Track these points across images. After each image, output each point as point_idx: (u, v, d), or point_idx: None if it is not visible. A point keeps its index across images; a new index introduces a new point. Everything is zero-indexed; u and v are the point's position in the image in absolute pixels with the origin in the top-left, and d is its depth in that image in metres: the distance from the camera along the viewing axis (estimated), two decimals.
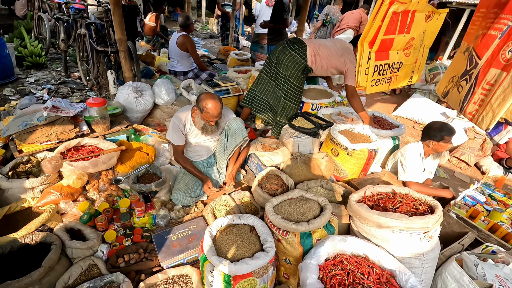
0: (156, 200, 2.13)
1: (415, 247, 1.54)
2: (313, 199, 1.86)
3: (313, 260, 1.48)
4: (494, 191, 2.33)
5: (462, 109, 1.33)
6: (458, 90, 1.26)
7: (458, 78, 1.25)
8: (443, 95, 1.37)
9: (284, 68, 2.68)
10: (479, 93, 1.22)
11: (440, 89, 1.43)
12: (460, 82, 1.24)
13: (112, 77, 2.89)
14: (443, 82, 1.41)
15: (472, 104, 1.26)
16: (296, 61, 2.66)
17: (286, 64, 2.65)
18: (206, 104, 2.08)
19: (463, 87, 1.25)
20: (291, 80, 2.72)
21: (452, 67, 1.35)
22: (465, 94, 1.28)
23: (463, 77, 1.23)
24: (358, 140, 2.42)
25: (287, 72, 2.68)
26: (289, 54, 2.66)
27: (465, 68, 1.22)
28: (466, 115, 1.33)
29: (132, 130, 2.55)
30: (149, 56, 4.98)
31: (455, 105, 1.32)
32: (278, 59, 2.71)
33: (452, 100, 1.32)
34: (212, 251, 1.52)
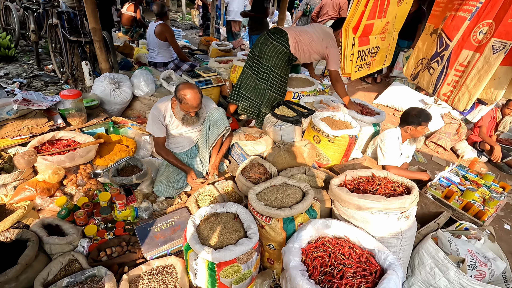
0: (138, 193, 2.09)
1: (393, 226, 1.60)
2: (296, 185, 1.89)
3: (295, 244, 1.50)
4: (468, 172, 2.44)
5: (435, 90, 1.36)
6: (430, 72, 1.29)
7: (428, 60, 1.27)
8: (412, 77, 1.39)
9: (267, 59, 2.66)
10: (452, 75, 1.26)
11: (408, 72, 1.45)
12: (431, 64, 1.27)
13: (88, 69, 2.78)
14: (411, 64, 1.43)
15: (446, 86, 1.29)
16: (279, 51, 2.64)
17: (269, 55, 2.64)
18: (184, 95, 2.04)
19: (435, 69, 1.28)
20: (276, 71, 2.71)
21: (419, 49, 1.37)
22: (437, 76, 1.31)
23: (433, 59, 1.26)
24: (339, 126, 2.46)
25: (271, 63, 2.66)
26: (271, 44, 2.65)
27: (436, 50, 1.24)
28: (441, 96, 1.37)
29: (111, 123, 2.48)
30: (127, 47, 4.82)
31: (427, 86, 1.35)
32: (260, 51, 2.69)
33: (422, 82, 1.35)
34: (195, 240, 1.52)
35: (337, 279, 1.36)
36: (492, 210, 2.05)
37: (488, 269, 1.67)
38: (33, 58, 4.66)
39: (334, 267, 1.42)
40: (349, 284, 1.33)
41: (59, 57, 3.82)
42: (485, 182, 2.32)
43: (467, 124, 4.22)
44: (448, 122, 4.08)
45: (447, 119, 4.12)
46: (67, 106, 2.25)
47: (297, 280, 1.32)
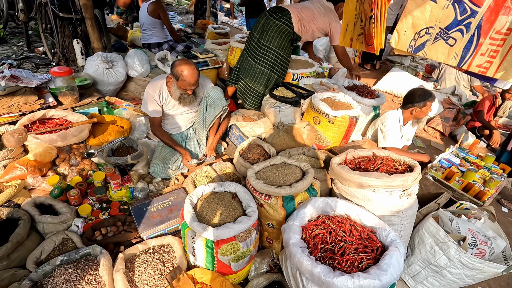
0: (133, 173, 2.04)
1: (395, 204, 1.57)
2: (295, 164, 1.84)
3: (295, 222, 1.47)
4: (468, 154, 2.42)
5: (463, 62, 1.24)
6: (448, 43, 1.20)
7: (442, 30, 1.19)
8: (412, 49, 1.29)
9: (269, 40, 2.57)
10: (487, 44, 1.13)
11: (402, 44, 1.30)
12: (451, 34, 1.18)
13: (79, 47, 2.67)
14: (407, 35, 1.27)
15: (480, 57, 1.17)
16: (282, 30, 2.56)
17: (272, 36, 2.55)
18: (181, 71, 1.96)
19: (458, 39, 1.19)
20: (279, 51, 2.63)
21: (416, 17, 1.21)
22: (463, 46, 1.20)
23: (453, 28, 1.16)
24: (339, 107, 2.40)
25: (273, 44, 2.58)
26: (274, 24, 2.56)
27: (454, 18, 1.16)
28: (473, 68, 1.23)
29: (104, 103, 2.40)
30: (121, 30, 4.67)
31: (446, 59, 1.24)
32: (261, 31, 2.60)
33: (435, 54, 1.25)
34: (193, 218, 1.48)
35: (338, 255, 1.33)
36: (493, 191, 2.04)
37: (488, 247, 1.66)
38: (23, 40, 4.49)
39: (335, 244, 1.39)
40: (351, 260, 1.31)
41: (50, 38, 3.68)
42: (485, 163, 2.30)
43: (466, 109, 4.19)
44: (447, 108, 4.05)
45: (446, 104, 4.09)
46: (58, 84, 2.16)
47: (298, 257, 1.30)
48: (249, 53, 2.73)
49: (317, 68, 3.24)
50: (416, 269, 1.75)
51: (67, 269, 1.36)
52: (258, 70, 2.70)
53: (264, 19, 2.58)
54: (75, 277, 1.33)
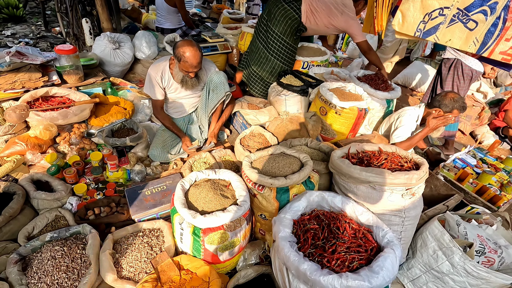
0: (131, 155, 2.02)
1: (396, 204, 1.46)
2: (294, 155, 1.76)
3: (287, 215, 1.40)
4: (486, 155, 2.24)
5: (484, 49, 1.08)
6: (467, 26, 1.05)
7: (461, 11, 1.04)
8: (421, 34, 1.13)
9: (275, 23, 2.46)
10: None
11: (408, 27, 1.13)
12: (471, 16, 1.03)
13: (88, 27, 2.66)
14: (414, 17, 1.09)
15: (505, 42, 1.02)
16: (289, 16, 2.43)
17: (278, 19, 2.43)
18: (183, 52, 1.90)
19: (479, 22, 1.03)
20: (284, 37, 2.51)
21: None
22: (486, 31, 1.04)
23: (474, 9, 1.00)
24: (348, 98, 2.28)
25: (278, 28, 2.46)
26: (282, 7, 2.43)
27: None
28: (495, 55, 1.07)
29: (109, 83, 2.39)
30: (135, 12, 4.65)
31: (463, 45, 1.09)
32: (269, 13, 2.48)
33: (449, 39, 1.10)
34: (182, 204, 1.44)
35: (328, 253, 1.26)
36: (510, 196, 1.88)
37: (498, 256, 1.53)
38: (41, 20, 4.57)
39: (327, 241, 1.31)
40: (341, 259, 1.23)
41: (65, 18, 3.71)
42: (505, 166, 2.12)
43: (491, 108, 3.91)
44: (471, 105, 3.78)
45: (470, 101, 3.82)
46: (63, 62, 2.15)
47: (285, 251, 1.24)
48: (258, 36, 2.62)
49: (330, 57, 3.08)
50: (416, 273, 1.65)
51: (54, 246, 1.37)
52: (264, 55, 2.60)
53: (274, 1, 2.46)
54: (60, 254, 1.33)
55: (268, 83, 2.70)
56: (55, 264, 1.30)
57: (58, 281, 1.26)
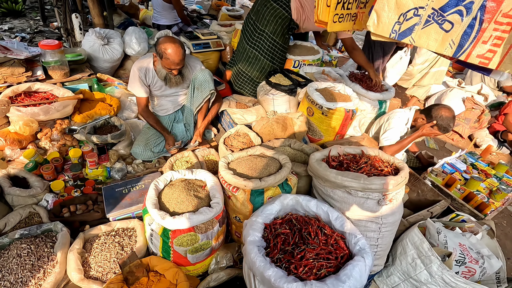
0: (113, 153, 2.00)
1: (372, 209, 1.42)
2: (274, 156, 1.72)
3: (259, 218, 1.37)
4: (478, 160, 2.17)
5: (460, 52, 1.01)
6: (443, 27, 0.98)
7: (436, 11, 0.97)
8: (396, 35, 1.06)
9: (265, 24, 2.40)
10: (491, 30, 0.91)
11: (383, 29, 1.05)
12: (446, 17, 0.97)
13: (78, 22, 2.64)
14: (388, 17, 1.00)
15: (482, 45, 0.95)
16: (279, 15, 2.37)
17: (267, 19, 2.38)
18: (165, 49, 1.87)
19: (455, 23, 0.97)
20: (274, 37, 2.46)
21: None
22: (462, 32, 0.98)
23: (449, 10, 0.93)
24: (336, 99, 2.22)
25: (269, 28, 2.40)
26: (271, 6, 2.38)
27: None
28: (473, 59, 1.01)
29: (95, 80, 2.37)
30: (132, 7, 4.62)
31: (439, 47, 1.02)
32: (258, 13, 2.43)
33: (425, 42, 1.03)
34: (153, 204, 1.42)
35: (296, 259, 1.22)
36: (498, 204, 1.81)
37: (479, 266, 1.47)
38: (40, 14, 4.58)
39: (296, 247, 1.28)
40: (309, 266, 1.19)
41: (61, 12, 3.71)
42: (496, 172, 2.05)
43: (492, 111, 3.81)
44: (470, 108, 3.69)
45: (469, 104, 3.73)
46: (48, 58, 2.14)
47: (252, 256, 1.20)
48: (244, 35, 2.57)
49: (324, 56, 3.02)
50: (395, 281, 1.61)
51: (22, 243, 1.36)
52: (252, 55, 2.54)
53: (262, 0, 2.40)
54: (26, 252, 1.32)
55: (258, 83, 2.65)
56: (20, 262, 1.28)
57: (22, 280, 1.25)
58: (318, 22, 1.22)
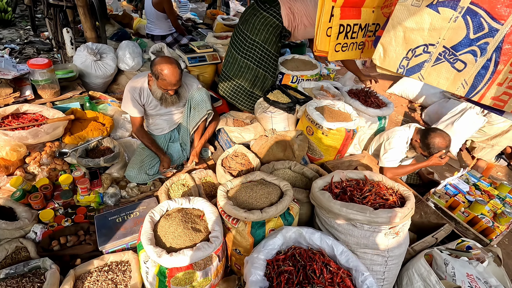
0: (106, 177, 1.92)
1: (379, 243, 1.36)
2: (275, 183, 1.66)
3: (260, 254, 1.30)
4: (480, 179, 2.14)
5: (474, 92, 0.96)
6: (455, 67, 0.94)
7: (448, 50, 0.93)
8: (404, 71, 1.01)
9: (255, 33, 2.35)
10: (506, 72, 0.87)
11: (390, 63, 1.00)
12: (459, 56, 0.92)
13: (69, 37, 2.56)
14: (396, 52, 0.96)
15: (497, 87, 0.91)
16: (270, 23, 2.32)
17: (258, 28, 2.32)
18: (161, 70, 1.81)
19: (469, 62, 0.92)
20: (266, 46, 2.41)
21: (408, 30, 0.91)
22: (476, 73, 0.93)
23: (463, 49, 0.89)
24: (337, 118, 2.18)
25: (260, 37, 2.35)
26: (261, 15, 2.33)
27: (466, 35, 0.89)
28: (486, 100, 0.96)
29: (87, 98, 2.28)
30: (126, 17, 4.54)
31: (452, 87, 0.98)
32: (247, 23, 2.37)
33: (436, 80, 0.99)
34: (148, 239, 1.34)
35: None
36: (503, 228, 1.77)
37: None
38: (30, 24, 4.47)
39: (301, 286, 1.21)
40: None
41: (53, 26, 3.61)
42: (499, 193, 2.02)
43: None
44: None
45: None
46: (37, 77, 2.06)
47: None
48: (234, 46, 2.51)
49: (322, 70, 2.98)
50: None
51: (6, 286, 1.26)
52: (244, 65, 2.48)
53: (251, 10, 2.36)
54: None
55: (252, 94, 2.60)
56: None
57: None
58: (317, 51, 1.17)
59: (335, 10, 1.09)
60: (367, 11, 1.17)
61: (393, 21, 0.91)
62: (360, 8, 1.14)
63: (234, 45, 2.53)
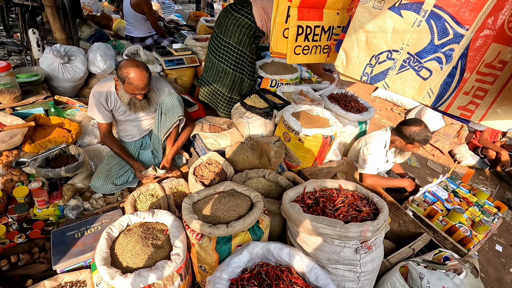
0: (67, 188, 1.80)
1: (350, 258, 1.29)
2: (245, 193, 1.57)
3: (224, 273, 1.21)
4: (459, 186, 2.10)
5: (440, 102, 0.90)
6: (420, 75, 0.87)
7: (412, 56, 0.86)
8: (368, 79, 0.94)
9: (229, 35, 2.29)
10: (473, 80, 0.80)
11: (354, 70, 0.93)
12: (424, 63, 0.85)
13: (35, 38, 2.42)
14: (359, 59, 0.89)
15: (463, 96, 0.83)
16: (242, 24, 2.26)
17: (231, 30, 2.26)
18: (127, 73, 1.70)
19: (434, 70, 0.85)
20: (240, 48, 2.35)
21: (371, 35, 0.83)
22: (442, 81, 0.86)
23: (428, 56, 0.81)
24: (314, 124, 2.11)
25: (233, 39, 2.29)
26: (233, 17, 2.27)
27: (430, 41, 0.82)
28: (453, 110, 0.88)
29: (51, 103, 2.15)
30: (104, 18, 4.40)
31: (417, 96, 0.90)
32: (221, 26, 2.33)
33: (401, 88, 0.91)
34: (102, 259, 1.23)
35: None
36: (481, 236, 1.73)
37: None
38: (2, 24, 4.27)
39: None
40: None
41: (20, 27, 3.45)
42: (477, 200, 1.98)
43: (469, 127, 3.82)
44: (449, 123, 3.69)
45: (448, 119, 3.72)
46: None
47: None
48: (210, 50, 2.47)
49: (303, 74, 2.92)
50: None
51: None
52: (221, 69, 2.43)
53: (224, 12, 2.31)
54: None
55: (231, 99, 2.53)
56: None
57: None
58: (274, 53, 1.09)
59: (291, 10, 1.02)
60: (330, 13, 1.10)
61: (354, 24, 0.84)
62: (321, 9, 1.06)
63: (211, 49, 2.47)
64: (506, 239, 2.52)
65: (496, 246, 2.41)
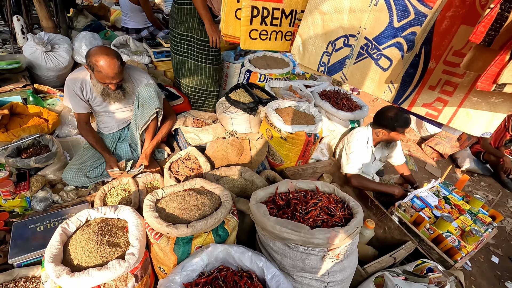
0: (36, 179, 1.74)
1: (316, 266, 1.19)
2: (215, 192, 1.48)
3: (177, 277, 1.12)
4: (452, 192, 1.96)
5: (401, 98, 0.77)
6: (380, 65, 0.75)
7: (370, 42, 0.73)
8: (325, 70, 0.82)
9: (179, 26, 2.22)
10: (439, 72, 0.68)
11: (310, 60, 0.82)
12: (383, 51, 0.73)
13: (20, 25, 2.37)
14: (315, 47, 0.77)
15: (428, 91, 0.70)
16: (184, 11, 2.17)
17: (178, 21, 2.23)
18: (95, 61, 1.63)
19: (394, 59, 0.73)
20: (191, 35, 2.25)
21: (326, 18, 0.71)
22: (403, 74, 0.74)
23: (386, 41, 0.69)
24: (299, 121, 2.00)
25: (182, 28, 2.22)
26: (176, 9, 2.19)
27: (389, 23, 0.70)
28: (418, 109, 0.75)
29: (30, 91, 2.10)
30: (102, 9, 4.36)
31: (376, 90, 0.79)
32: (171, 21, 2.27)
33: (359, 81, 0.79)
34: (52, 255, 1.17)
35: None
36: (470, 248, 1.60)
37: None
38: None
39: None
40: None
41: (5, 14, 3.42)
42: (471, 207, 1.85)
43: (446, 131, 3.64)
44: None
45: None
46: None
47: None
48: (171, 47, 2.44)
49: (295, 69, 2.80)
50: None
51: None
52: (184, 62, 2.39)
53: (171, 10, 2.26)
54: None
55: (207, 91, 2.50)
56: None
57: None
58: (226, 36, 0.98)
59: None
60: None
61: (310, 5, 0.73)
62: None
63: (171, 47, 2.43)
64: (504, 250, 2.38)
65: (492, 258, 2.27)
